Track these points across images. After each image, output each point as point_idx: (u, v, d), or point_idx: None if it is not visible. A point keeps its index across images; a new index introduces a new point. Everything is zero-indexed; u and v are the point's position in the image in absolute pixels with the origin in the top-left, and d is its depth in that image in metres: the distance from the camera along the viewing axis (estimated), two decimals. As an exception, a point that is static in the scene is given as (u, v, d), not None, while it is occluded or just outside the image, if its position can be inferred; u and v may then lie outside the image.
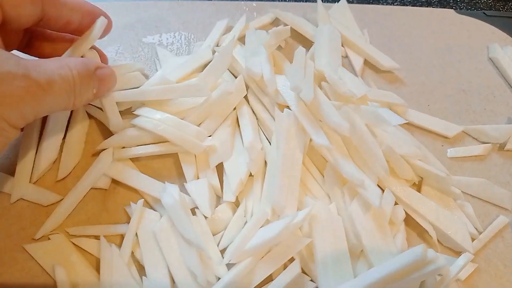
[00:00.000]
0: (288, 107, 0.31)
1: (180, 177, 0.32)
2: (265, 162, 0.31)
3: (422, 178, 0.32)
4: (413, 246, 0.30)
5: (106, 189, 0.31)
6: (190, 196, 0.30)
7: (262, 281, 0.28)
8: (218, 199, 0.31)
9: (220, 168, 0.31)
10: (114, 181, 0.31)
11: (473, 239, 0.31)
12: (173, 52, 0.39)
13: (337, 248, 0.28)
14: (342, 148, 0.30)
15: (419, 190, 0.32)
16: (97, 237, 0.29)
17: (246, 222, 0.29)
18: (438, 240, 0.31)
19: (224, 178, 0.31)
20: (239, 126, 0.33)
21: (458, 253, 0.31)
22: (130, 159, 0.32)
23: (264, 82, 0.32)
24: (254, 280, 0.27)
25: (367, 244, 0.28)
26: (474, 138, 0.36)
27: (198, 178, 0.31)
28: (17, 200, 0.31)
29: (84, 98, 0.27)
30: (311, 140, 0.30)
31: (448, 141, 0.36)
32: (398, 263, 0.26)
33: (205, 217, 0.29)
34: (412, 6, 0.49)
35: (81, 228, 0.30)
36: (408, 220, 0.31)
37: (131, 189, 0.31)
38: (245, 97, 0.34)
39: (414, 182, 0.32)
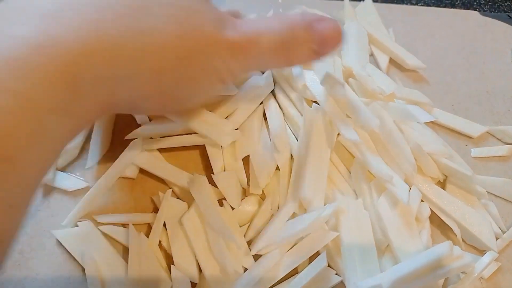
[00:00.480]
0: (316, 102, 0.31)
1: (206, 169, 0.32)
2: (292, 156, 0.32)
3: (446, 176, 0.33)
4: (437, 243, 0.30)
5: (133, 179, 0.32)
6: (217, 187, 0.30)
7: (288, 273, 0.28)
8: (244, 191, 0.31)
9: (246, 162, 0.32)
10: (142, 171, 0.32)
11: (496, 238, 0.31)
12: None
13: (363, 242, 0.28)
14: (369, 144, 0.30)
15: (443, 188, 0.32)
16: (125, 226, 0.30)
17: (272, 215, 0.30)
18: (462, 238, 0.31)
19: (250, 171, 0.31)
20: (266, 120, 0.33)
21: (481, 252, 0.31)
22: (158, 149, 0.32)
23: (292, 77, 0.32)
24: (280, 272, 0.28)
25: (394, 239, 0.28)
26: (498, 139, 0.36)
27: (224, 170, 0.31)
28: (44, 185, 0.31)
29: (300, 55, 0.24)
30: (338, 135, 0.31)
31: (472, 141, 0.36)
32: (425, 259, 0.26)
33: (232, 209, 0.30)
34: (435, 7, 0.49)
35: (109, 216, 0.30)
36: (432, 218, 0.31)
37: (158, 179, 0.32)
38: (272, 92, 0.34)
39: (439, 180, 0.32)
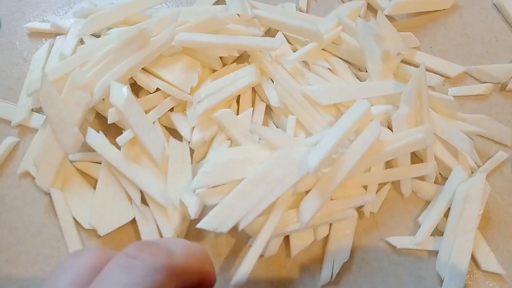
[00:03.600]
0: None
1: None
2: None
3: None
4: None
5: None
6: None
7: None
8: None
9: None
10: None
11: (472, 172, 0.31)
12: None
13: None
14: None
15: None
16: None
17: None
18: (439, 173, 0.31)
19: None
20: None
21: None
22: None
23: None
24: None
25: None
26: (475, 79, 0.36)
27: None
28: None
29: None
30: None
31: (449, 81, 0.36)
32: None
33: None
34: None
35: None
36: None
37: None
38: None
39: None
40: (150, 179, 0.28)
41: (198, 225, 0.25)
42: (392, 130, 0.30)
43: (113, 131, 0.30)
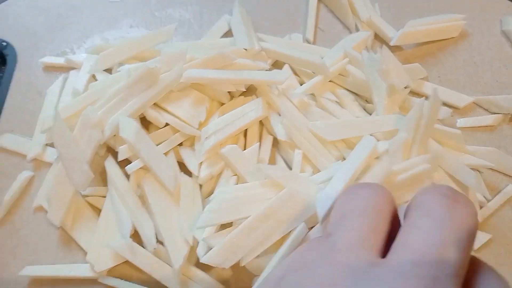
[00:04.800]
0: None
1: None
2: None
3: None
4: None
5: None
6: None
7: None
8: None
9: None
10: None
11: (481, 207, 0.31)
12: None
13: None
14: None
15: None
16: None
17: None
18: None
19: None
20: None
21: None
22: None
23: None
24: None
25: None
26: (484, 109, 0.36)
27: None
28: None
29: None
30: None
31: (458, 111, 0.36)
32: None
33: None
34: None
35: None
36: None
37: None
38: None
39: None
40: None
41: (202, 260, 0.26)
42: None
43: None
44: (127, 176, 0.30)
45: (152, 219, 0.29)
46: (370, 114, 0.33)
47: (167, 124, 0.32)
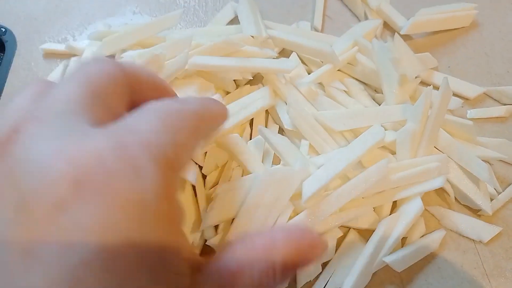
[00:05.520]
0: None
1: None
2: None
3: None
4: (432, 206, 0.30)
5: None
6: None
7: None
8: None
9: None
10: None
11: (491, 199, 0.30)
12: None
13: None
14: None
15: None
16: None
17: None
18: (455, 198, 0.30)
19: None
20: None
21: (475, 212, 0.30)
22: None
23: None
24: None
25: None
26: (495, 100, 0.35)
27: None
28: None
29: None
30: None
31: (468, 102, 0.35)
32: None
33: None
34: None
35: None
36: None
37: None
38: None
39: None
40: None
41: (208, 242, 0.27)
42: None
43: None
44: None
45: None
46: (379, 104, 0.32)
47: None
